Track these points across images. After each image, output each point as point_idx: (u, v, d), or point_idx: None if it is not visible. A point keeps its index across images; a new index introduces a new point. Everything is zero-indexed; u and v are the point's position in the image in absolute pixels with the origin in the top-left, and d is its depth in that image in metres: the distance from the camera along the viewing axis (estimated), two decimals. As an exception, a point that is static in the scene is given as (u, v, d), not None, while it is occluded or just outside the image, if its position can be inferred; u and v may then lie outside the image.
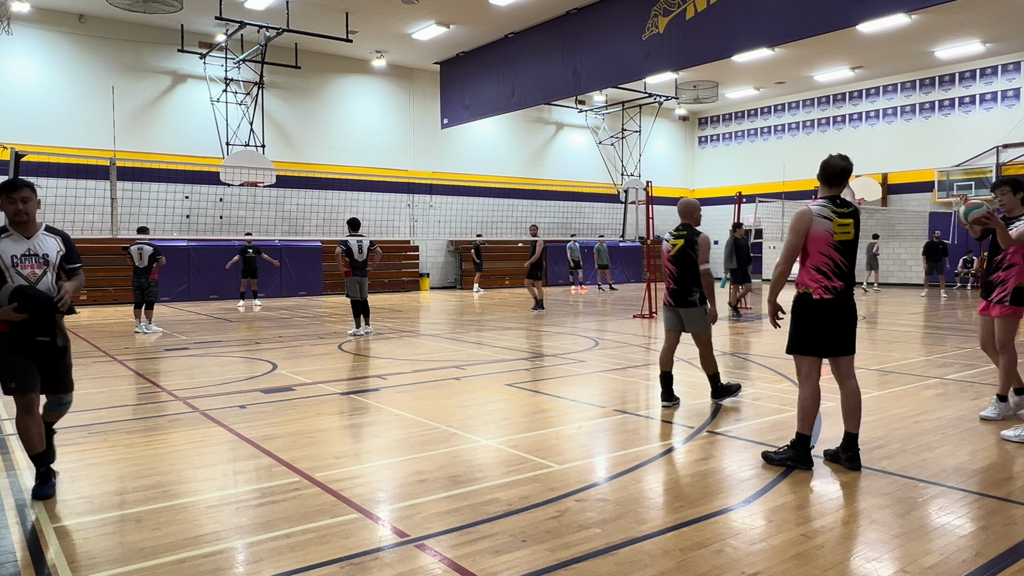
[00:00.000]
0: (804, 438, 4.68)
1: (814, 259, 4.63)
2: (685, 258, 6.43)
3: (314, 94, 23.31)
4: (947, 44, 22.17)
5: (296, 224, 22.30)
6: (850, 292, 4.67)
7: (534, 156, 28.56)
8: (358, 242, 12.24)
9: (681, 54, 15.32)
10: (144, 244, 12.71)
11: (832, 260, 4.60)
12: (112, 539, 3.57)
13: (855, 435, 4.66)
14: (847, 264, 4.63)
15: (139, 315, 12.62)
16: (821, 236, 4.60)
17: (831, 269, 4.60)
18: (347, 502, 4.04)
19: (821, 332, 4.65)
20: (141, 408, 6.70)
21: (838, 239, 4.59)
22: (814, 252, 4.63)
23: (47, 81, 19.13)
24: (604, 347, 10.50)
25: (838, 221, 4.60)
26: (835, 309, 4.61)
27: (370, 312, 12.35)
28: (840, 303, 4.62)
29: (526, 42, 19.72)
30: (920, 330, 12.29)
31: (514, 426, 5.82)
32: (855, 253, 4.70)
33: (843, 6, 12.49)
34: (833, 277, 4.60)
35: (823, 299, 4.62)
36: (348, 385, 7.66)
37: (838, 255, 4.60)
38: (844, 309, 4.63)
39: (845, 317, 4.65)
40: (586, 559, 3.29)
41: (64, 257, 4.36)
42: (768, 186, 28.43)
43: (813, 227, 4.62)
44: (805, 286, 4.68)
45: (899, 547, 3.41)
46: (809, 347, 4.68)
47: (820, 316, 4.64)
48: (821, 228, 4.60)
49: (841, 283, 4.61)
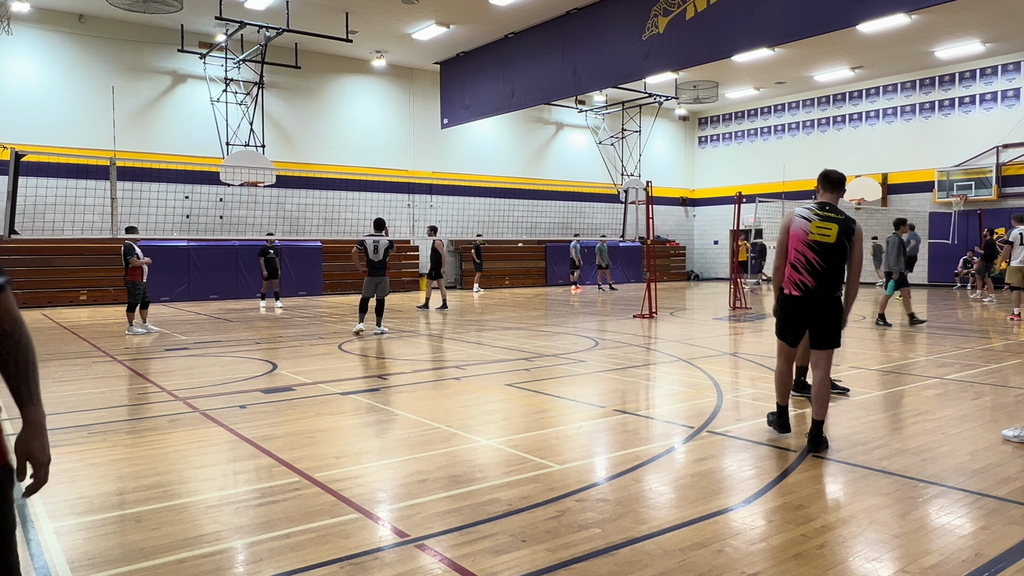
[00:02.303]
0: (780, 407, 5.23)
1: (791, 255, 5.03)
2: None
3: (314, 94, 23.31)
4: (947, 44, 22.17)
5: (296, 224, 22.31)
6: (826, 291, 4.93)
7: (534, 156, 28.56)
8: (375, 242, 12.16)
9: (681, 54, 15.33)
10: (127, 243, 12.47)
11: (805, 258, 4.93)
12: (112, 539, 3.57)
13: (818, 421, 4.94)
14: (822, 264, 4.91)
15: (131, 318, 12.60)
16: (797, 234, 4.98)
17: (803, 266, 4.94)
18: (347, 502, 4.04)
19: (789, 324, 5.08)
20: (141, 408, 6.70)
21: (812, 239, 4.91)
22: (791, 249, 5.02)
23: (47, 81, 19.13)
24: (604, 347, 10.50)
25: (817, 223, 4.93)
26: (803, 305, 4.96)
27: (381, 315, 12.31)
28: (808, 300, 4.94)
29: (526, 42, 19.72)
30: (920, 330, 12.28)
31: (514, 426, 5.82)
32: (836, 257, 4.92)
33: (843, 6, 12.49)
34: (805, 273, 4.93)
35: (791, 295, 5.02)
36: (348, 385, 7.65)
37: (812, 253, 4.91)
38: (814, 306, 4.94)
39: (815, 314, 4.95)
40: (586, 559, 3.29)
41: None
42: (768, 186, 28.44)
43: (792, 226, 5.01)
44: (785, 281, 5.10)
45: (899, 547, 3.41)
46: (782, 334, 5.18)
47: (788, 310, 5.06)
48: (798, 227, 4.98)
49: (813, 281, 4.91)
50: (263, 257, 16.96)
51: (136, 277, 12.38)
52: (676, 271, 32.14)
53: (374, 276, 12.15)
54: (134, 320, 12.59)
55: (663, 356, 9.68)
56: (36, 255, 18.56)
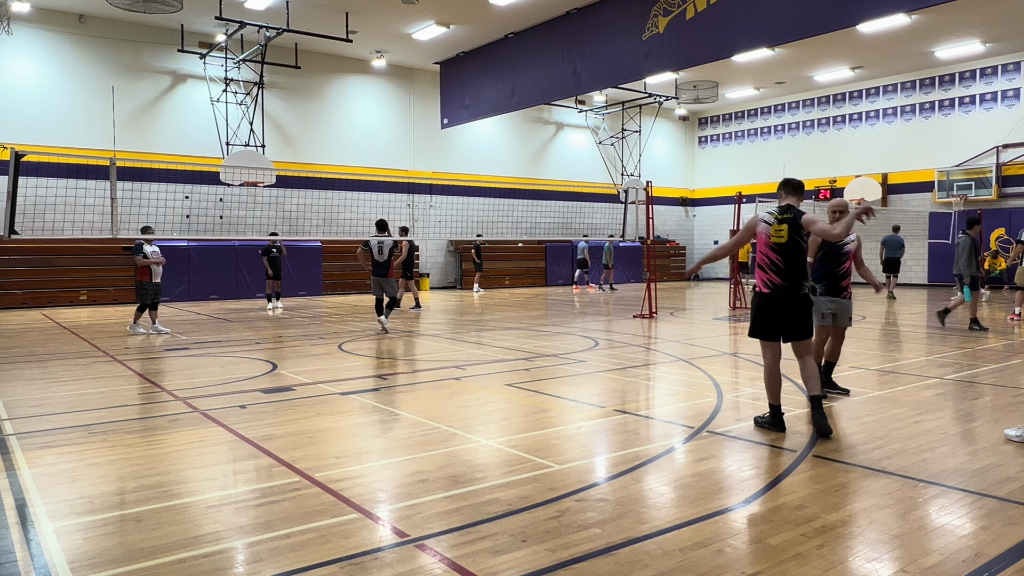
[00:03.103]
0: (772, 407, 5.47)
1: (758, 257, 5.45)
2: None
3: (314, 94, 23.31)
4: (947, 44, 22.17)
5: (296, 224, 22.31)
6: (793, 288, 5.33)
7: (534, 156, 28.55)
8: (379, 243, 12.38)
9: (681, 54, 15.32)
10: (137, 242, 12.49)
11: (769, 259, 5.38)
12: (112, 539, 3.57)
13: (817, 396, 5.34)
14: (785, 263, 5.32)
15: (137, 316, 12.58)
16: (761, 238, 5.42)
17: (769, 266, 5.38)
18: (347, 502, 4.04)
19: (764, 320, 5.43)
20: (141, 408, 6.70)
21: (773, 241, 5.35)
22: (757, 251, 5.46)
23: (47, 81, 19.13)
24: (604, 347, 10.50)
25: (775, 227, 5.36)
26: (772, 301, 5.37)
27: (391, 309, 12.50)
28: (777, 297, 5.34)
29: (526, 42, 19.72)
30: (920, 330, 12.28)
31: (514, 426, 5.82)
32: (794, 253, 5.31)
33: (843, 6, 12.48)
34: (771, 273, 5.37)
35: (762, 292, 5.44)
36: (348, 385, 7.65)
37: (774, 254, 5.35)
38: (784, 301, 5.33)
39: (786, 308, 5.34)
40: (586, 559, 3.29)
41: None
42: (768, 186, 28.36)
43: (758, 230, 5.45)
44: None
45: (899, 547, 3.41)
46: (758, 332, 5.49)
47: (760, 306, 5.45)
48: (762, 231, 5.42)
49: (779, 279, 5.33)
50: (266, 256, 16.90)
51: (144, 277, 12.28)
52: (676, 271, 32.14)
53: (379, 276, 12.40)
54: (139, 320, 12.53)
55: (663, 356, 9.68)
56: (36, 255, 18.55)
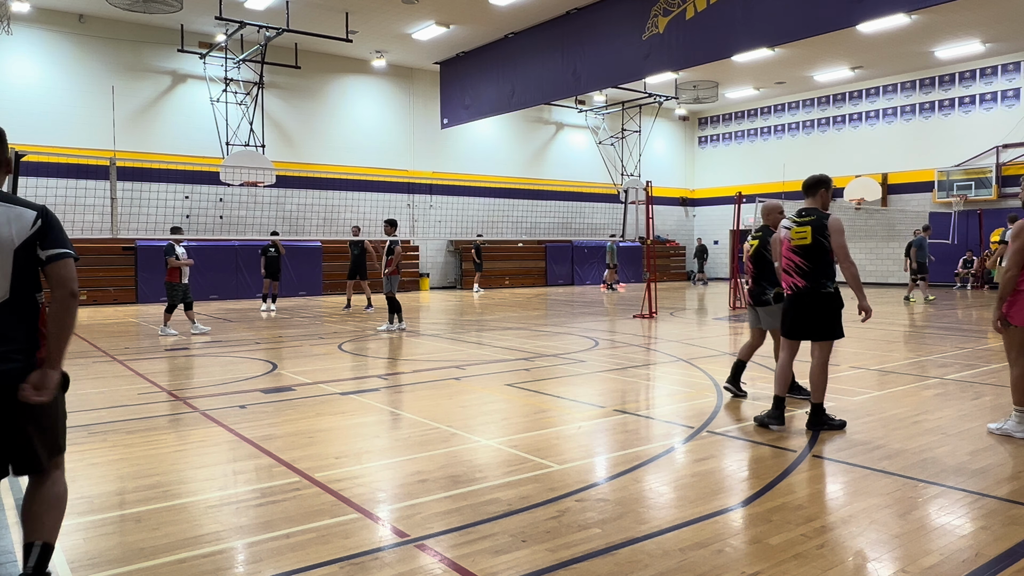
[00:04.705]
0: (776, 398, 5.61)
1: (783, 263, 5.69)
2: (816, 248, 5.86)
3: (314, 94, 23.31)
4: (947, 44, 22.17)
5: (296, 224, 22.31)
6: (816, 288, 5.45)
7: (534, 156, 28.55)
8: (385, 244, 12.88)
9: (681, 54, 15.32)
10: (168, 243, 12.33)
11: (793, 262, 5.57)
12: (112, 539, 3.57)
13: (817, 404, 5.52)
14: (807, 265, 5.48)
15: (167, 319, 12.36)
16: (784, 243, 5.64)
17: (793, 269, 5.57)
18: (347, 502, 4.04)
19: (788, 319, 5.66)
20: (141, 408, 6.69)
21: (794, 244, 5.53)
22: (782, 257, 5.70)
23: (47, 81, 19.12)
24: (604, 347, 10.50)
25: (795, 229, 5.53)
26: (795, 302, 5.56)
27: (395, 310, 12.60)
28: (799, 298, 5.52)
29: (526, 42, 19.72)
30: (921, 330, 12.28)
31: (514, 426, 5.82)
32: (818, 255, 5.43)
33: (843, 6, 12.48)
34: (796, 276, 5.55)
35: (787, 294, 5.68)
36: (348, 385, 7.66)
37: (797, 257, 5.54)
38: (806, 302, 5.49)
39: (807, 309, 5.49)
40: (586, 559, 3.29)
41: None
42: (768, 186, 28.43)
43: (780, 236, 5.71)
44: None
45: (899, 547, 3.41)
46: (785, 331, 5.72)
47: (786, 307, 5.70)
48: (784, 236, 5.65)
49: (803, 281, 5.50)
50: (264, 256, 16.85)
51: (174, 278, 12.17)
52: (676, 271, 32.15)
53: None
54: (168, 321, 12.33)
55: (663, 356, 9.68)
56: (36, 255, 18.50)
